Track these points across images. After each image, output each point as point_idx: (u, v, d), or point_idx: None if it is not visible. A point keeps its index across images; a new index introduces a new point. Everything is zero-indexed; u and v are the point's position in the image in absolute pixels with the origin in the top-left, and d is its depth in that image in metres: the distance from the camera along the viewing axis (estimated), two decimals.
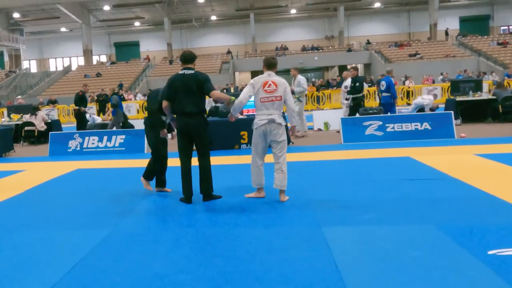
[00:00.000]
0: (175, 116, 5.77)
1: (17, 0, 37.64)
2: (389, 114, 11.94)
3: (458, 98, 13.52)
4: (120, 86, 34.93)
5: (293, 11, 46.65)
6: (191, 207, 5.55)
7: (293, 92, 11.62)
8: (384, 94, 12.80)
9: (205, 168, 5.68)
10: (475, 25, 46.55)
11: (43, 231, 4.89)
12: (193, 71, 5.66)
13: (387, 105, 12.89)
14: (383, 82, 12.75)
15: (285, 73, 43.23)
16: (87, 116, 15.00)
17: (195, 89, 5.53)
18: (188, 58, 5.79)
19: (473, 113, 13.56)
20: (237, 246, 4.09)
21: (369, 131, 10.50)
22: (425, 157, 8.01)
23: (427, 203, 5.14)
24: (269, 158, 5.79)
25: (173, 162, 8.01)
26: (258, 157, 5.69)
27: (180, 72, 5.71)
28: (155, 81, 36.71)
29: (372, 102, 25.17)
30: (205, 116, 5.74)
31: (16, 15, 44.09)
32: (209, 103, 11.66)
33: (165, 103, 5.69)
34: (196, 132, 5.61)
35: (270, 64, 5.83)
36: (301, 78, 12.32)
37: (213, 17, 48.23)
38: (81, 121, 14.34)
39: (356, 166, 7.73)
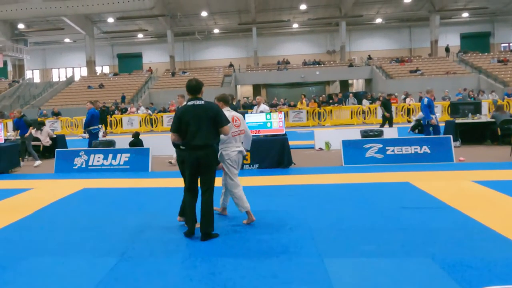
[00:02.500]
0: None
1: (23, 11, 38.04)
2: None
3: (458, 120, 13.75)
4: (123, 98, 35.21)
5: (295, 25, 47.14)
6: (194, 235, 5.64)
7: None
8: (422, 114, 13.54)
9: (207, 205, 5.50)
10: (476, 42, 47.02)
11: (54, 257, 5.06)
12: (203, 102, 5.51)
13: (425, 127, 13.30)
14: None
15: (286, 86, 43.82)
16: (100, 134, 15.20)
17: (206, 120, 5.41)
18: (195, 88, 5.58)
19: (472, 135, 13.84)
20: (242, 278, 4.26)
21: (370, 153, 10.69)
22: (424, 183, 8.21)
23: (425, 234, 5.32)
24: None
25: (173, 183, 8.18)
26: (237, 180, 6.18)
27: (189, 103, 5.52)
28: (158, 94, 37.04)
29: (372, 119, 25.45)
30: (215, 149, 5.67)
31: (21, 25, 44.56)
32: None
33: (173, 136, 5.51)
34: (204, 164, 5.46)
35: (226, 101, 6.48)
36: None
37: (216, 30, 48.71)
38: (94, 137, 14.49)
39: (357, 191, 7.90)
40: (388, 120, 17.58)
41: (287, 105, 27.66)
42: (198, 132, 5.39)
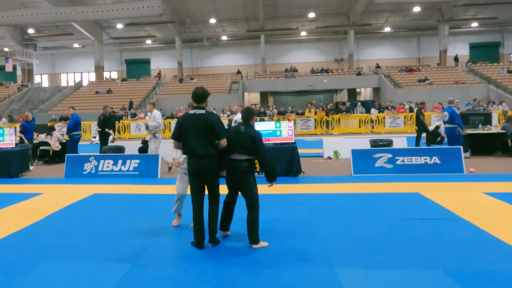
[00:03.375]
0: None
1: (33, 16, 38.31)
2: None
3: (468, 131, 13.69)
4: (130, 104, 35.34)
5: (303, 33, 47.20)
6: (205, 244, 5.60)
7: (147, 127, 12.28)
8: (447, 125, 13.28)
9: (214, 212, 5.63)
10: (485, 52, 46.88)
11: (68, 262, 5.10)
12: (203, 111, 5.54)
13: (452, 137, 13.05)
14: (445, 113, 13.19)
15: (294, 94, 43.84)
16: (110, 138, 15.26)
17: (205, 130, 5.43)
18: (200, 97, 5.64)
19: (483, 146, 13.77)
20: (254, 287, 4.28)
21: (379, 163, 10.67)
22: (434, 194, 8.18)
23: (436, 246, 5.31)
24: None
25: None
26: None
27: (191, 111, 5.59)
28: (165, 100, 37.11)
29: (381, 128, 25.41)
30: (216, 158, 5.59)
31: (30, 30, 45.03)
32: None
33: (175, 144, 5.74)
34: (207, 174, 5.52)
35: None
36: (156, 113, 12.13)
37: (224, 37, 48.86)
38: (104, 143, 14.58)
39: (367, 201, 7.89)
40: (417, 131, 15.43)
41: (295, 113, 27.66)
42: (198, 141, 5.45)
